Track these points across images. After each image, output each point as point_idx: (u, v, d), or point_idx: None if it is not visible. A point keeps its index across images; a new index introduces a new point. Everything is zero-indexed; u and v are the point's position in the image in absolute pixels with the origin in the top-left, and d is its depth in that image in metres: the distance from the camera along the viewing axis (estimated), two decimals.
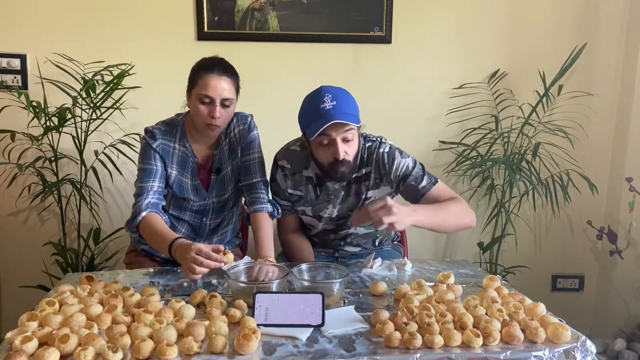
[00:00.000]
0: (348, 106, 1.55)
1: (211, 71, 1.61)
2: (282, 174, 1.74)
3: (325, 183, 1.71)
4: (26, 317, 1.15)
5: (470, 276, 1.60)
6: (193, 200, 1.74)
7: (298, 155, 1.73)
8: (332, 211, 1.74)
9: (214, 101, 1.60)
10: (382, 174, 1.67)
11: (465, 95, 2.52)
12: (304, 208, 1.77)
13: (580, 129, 2.53)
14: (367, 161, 1.68)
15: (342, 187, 1.71)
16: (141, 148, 1.72)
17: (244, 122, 1.78)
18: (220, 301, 1.28)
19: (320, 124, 1.50)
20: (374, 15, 2.43)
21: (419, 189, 1.62)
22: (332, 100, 1.52)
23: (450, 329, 1.13)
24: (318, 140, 1.55)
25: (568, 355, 1.11)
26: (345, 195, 1.72)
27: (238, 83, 1.69)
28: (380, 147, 1.67)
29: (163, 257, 1.85)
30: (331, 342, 1.13)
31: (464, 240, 2.68)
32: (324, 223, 1.79)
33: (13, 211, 2.46)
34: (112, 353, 1.02)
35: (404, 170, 1.64)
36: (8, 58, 2.34)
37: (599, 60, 2.55)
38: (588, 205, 2.62)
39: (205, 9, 2.37)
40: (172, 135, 1.72)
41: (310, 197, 1.74)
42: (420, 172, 1.64)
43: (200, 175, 1.75)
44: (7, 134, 2.20)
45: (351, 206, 1.73)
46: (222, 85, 1.60)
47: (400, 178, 1.64)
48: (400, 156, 1.65)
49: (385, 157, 1.65)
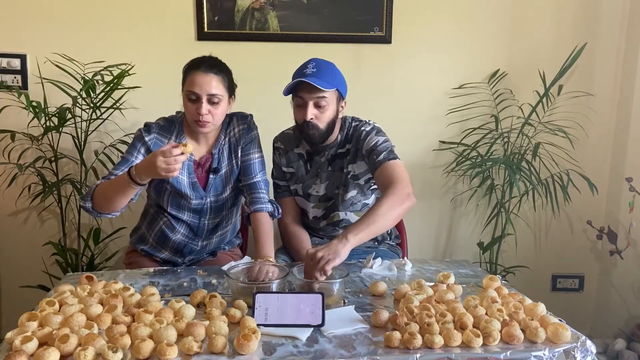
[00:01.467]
0: (326, 75, 1.67)
1: (198, 68, 1.64)
2: (277, 154, 1.90)
3: (314, 158, 1.85)
4: (26, 317, 1.16)
5: (470, 276, 1.60)
6: (190, 198, 1.74)
7: (290, 136, 1.90)
8: (319, 187, 1.85)
9: (200, 98, 1.63)
10: (357, 149, 1.79)
11: (465, 95, 2.52)
12: (296, 187, 1.89)
13: (580, 129, 2.53)
14: (350, 137, 1.81)
15: (327, 160, 1.83)
16: (132, 138, 1.75)
17: (243, 121, 1.79)
18: (220, 301, 1.28)
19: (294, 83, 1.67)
20: (374, 15, 2.43)
21: (375, 161, 1.69)
22: (314, 68, 1.67)
23: (450, 329, 1.13)
24: (295, 101, 1.72)
25: (568, 355, 1.11)
26: (331, 171, 1.83)
27: (229, 79, 1.70)
28: (363, 125, 1.80)
29: (163, 257, 1.85)
30: (331, 342, 1.13)
31: (464, 240, 2.68)
32: (313, 205, 1.87)
33: (13, 211, 2.46)
34: (112, 353, 1.02)
35: (372, 145, 1.73)
36: (8, 58, 2.34)
37: (599, 60, 2.55)
38: (588, 205, 2.62)
39: (205, 9, 2.37)
40: (169, 132, 1.74)
41: (301, 172, 1.87)
42: (384, 148, 1.71)
43: (198, 174, 1.76)
44: (7, 134, 2.20)
45: (337, 182, 1.84)
46: (208, 82, 1.63)
47: (368, 152, 1.74)
48: (375, 135, 1.75)
49: (363, 133, 1.77)
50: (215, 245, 1.88)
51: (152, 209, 1.85)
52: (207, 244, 1.85)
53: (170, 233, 1.80)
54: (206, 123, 1.65)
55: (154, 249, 1.85)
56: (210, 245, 1.87)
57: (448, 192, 2.64)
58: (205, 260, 1.87)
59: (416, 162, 2.54)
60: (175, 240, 1.80)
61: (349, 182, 1.82)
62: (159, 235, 1.82)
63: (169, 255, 1.84)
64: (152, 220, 1.84)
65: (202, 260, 1.87)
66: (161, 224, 1.81)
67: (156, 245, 1.84)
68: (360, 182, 1.83)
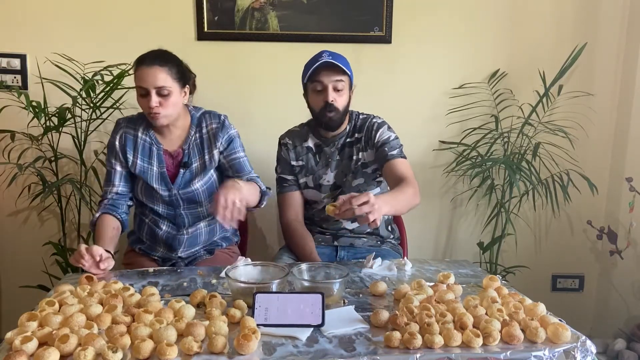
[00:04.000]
0: (342, 61, 1.78)
1: (141, 63, 1.69)
2: (286, 149, 1.94)
3: (323, 149, 1.91)
4: (26, 317, 1.16)
5: (470, 276, 1.60)
6: (157, 190, 1.79)
7: (298, 132, 1.96)
8: (330, 176, 1.91)
9: (149, 91, 1.67)
10: (368, 138, 1.88)
11: (465, 95, 2.52)
12: (306, 179, 1.93)
13: (580, 129, 2.53)
14: (359, 127, 1.90)
15: (337, 148, 1.90)
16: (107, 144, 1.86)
17: (216, 120, 1.83)
18: (220, 301, 1.27)
19: (314, 67, 1.75)
20: (374, 15, 2.43)
21: (387, 154, 1.80)
22: (329, 56, 1.77)
23: (450, 329, 1.13)
24: (312, 87, 1.79)
25: (568, 355, 1.11)
26: (340, 159, 1.90)
27: (178, 70, 1.73)
28: (373, 118, 1.91)
29: (159, 255, 1.87)
30: (331, 342, 1.13)
31: (464, 240, 2.68)
32: (324, 195, 1.92)
33: (13, 211, 2.46)
34: (112, 353, 1.02)
35: (385, 138, 1.84)
36: (8, 58, 2.34)
37: (599, 60, 2.55)
38: (588, 205, 2.62)
39: (205, 9, 2.37)
40: (135, 124, 1.81)
41: (311, 164, 1.92)
42: (396, 145, 1.84)
43: (168, 165, 1.80)
44: (7, 134, 2.21)
45: (346, 170, 1.90)
46: (153, 74, 1.67)
47: (379, 144, 1.84)
48: (387, 129, 1.87)
49: (375, 125, 1.88)
50: (206, 235, 1.89)
51: (137, 211, 1.91)
52: (196, 234, 1.86)
53: (156, 229, 1.85)
54: (157, 115, 1.69)
55: (149, 247, 1.89)
56: (200, 236, 1.87)
57: (448, 192, 2.64)
58: (203, 259, 1.88)
59: (416, 162, 2.53)
60: (162, 235, 1.84)
61: (357, 169, 1.88)
62: (150, 233, 1.87)
63: (163, 252, 1.87)
64: (140, 222, 1.90)
65: (199, 257, 1.88)
66: (147, 221, 1.87)
67: (150, 243, 1.88)
68: (368, 171, 1.89)
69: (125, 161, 1.80)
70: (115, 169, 1.81)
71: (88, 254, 1.53)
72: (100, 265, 1.54)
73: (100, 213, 1.77)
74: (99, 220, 1.75)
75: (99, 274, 1.53)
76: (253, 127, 2.39)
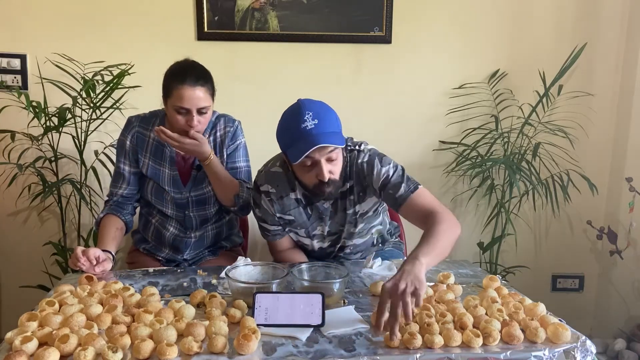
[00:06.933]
0: (330, 124, 1.45)
1: (184, 82, 1.59)
2: (268, 199, 1.64)
3: (315, 204, 1.64)
4: (26, 317, 1.16)
5: (470, 276, 1.60)
6: (169, 192, 1.78)
7: (281, 177, 1.62)
8: (323, 228, 1.69)
9: (191, 112, 1.62)
10: (365, 186, 1.60)
11: (465, 95, 2.52)
12: (297, 230, 1.71)
13: (580, 129, 2.53)
14: (348, 174, 1.60)
15: (330, 204, 1.64)
16: (117, 143, 1.82)
17: (230, 125, 1.81)
18: (220, 301, 1.28)
19: (303, 146, 1.40)
20: (374, 15, 2.43)
21: (397, 197, 1.53)
22: (314, 119, 1.41)
23: (450, 329, 1.13)
24: (301, 162, 1.44)
25: (568, 355, 1.11)
26: (334, 212, 1.66)
27: (213, 85, 1.69)
28: (359, 156, 1.58)
29: (164, 256, 1.86)
30: (331, 342, 1.13)
31: (464, 240, 2.68)
32: (317, 240, 1.72)
33: (13, 211, 2.46)
34: (112, 353, 1.02)
35: (384, 179, 1.54)
36: (8, 58, 2.33)
37: (599, 60, 2.55)
38: (588, 205, 2.62)
39: (205, 8, 2.36)
40: (151, 124, 1.77)
41: (302, 219, 1.66)
42: (399, 179, 1.54)
43: (180, 167, 1.78)
44: (7, 134, 2.20)
45: (341, 221, 1.66)
46: (197, 95, 1.61)
47: (381, 187, 1.55)
48: (380, 164, 1.56)
49: (364, 167, 1.57)
50: (213, 238, 1.89)
51: (143, 211, 1.90)
52: (203, 237, 1.86)
53: (163, 230, 1.84)
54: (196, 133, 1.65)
55: (155, 247, 1.88)
56: (207, 239, 1.87)
57: (448, 192, 2.64)
58: (207, 260, 1.88)
59: (416, 162, 2.54)
60: (169, 236, 1.83)
61: (355, 220, 1.66)
62: (156, 234, 1.86)
63: (169, 254, 1.86)
64: (146, 222, 1.89)
65: (203, 258, 1.88)
66: (153, 222, 1.86)
67: (155, 244, 1.87)
68: (369, 214, 1.68)
69: (135, 162, 1.78)
70: (123, 170, 1.79)
71: (84, 256, 1.53)
72: (95, 268, 1.54)
73: (105, 212, 1.77)
74: (103, 220, 1.75)
75: (98, 274, 1.53)
76: (253, 127, 2.39)
